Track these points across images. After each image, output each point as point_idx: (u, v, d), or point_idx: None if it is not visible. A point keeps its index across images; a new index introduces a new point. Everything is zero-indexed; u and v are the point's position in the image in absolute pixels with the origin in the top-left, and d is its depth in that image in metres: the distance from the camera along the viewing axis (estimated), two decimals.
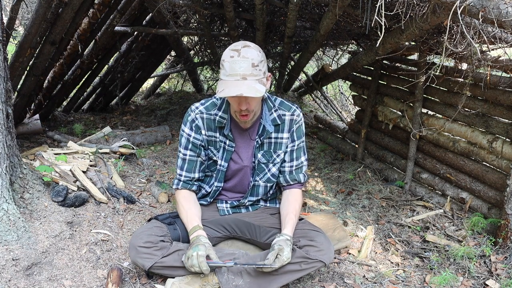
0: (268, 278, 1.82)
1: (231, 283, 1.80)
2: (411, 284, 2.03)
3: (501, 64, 2.37)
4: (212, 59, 4.99)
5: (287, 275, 1.84)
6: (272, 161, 2.07)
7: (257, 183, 2.10)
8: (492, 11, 1.66)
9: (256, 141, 2.01)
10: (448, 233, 2.47)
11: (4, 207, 1.85)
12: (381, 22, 1.83)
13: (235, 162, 2.06)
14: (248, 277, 1.82)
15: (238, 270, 1.84)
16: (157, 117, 5.16)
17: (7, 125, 1.96)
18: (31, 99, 4.11)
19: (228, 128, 1.98)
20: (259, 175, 2.09)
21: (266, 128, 1.98)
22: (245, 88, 1.72)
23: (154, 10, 3.45)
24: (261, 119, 1.99)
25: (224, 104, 1.99)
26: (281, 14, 3.61)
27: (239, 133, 2.03)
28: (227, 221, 2.10)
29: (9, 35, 2.95)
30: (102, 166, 2.87)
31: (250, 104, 1.81)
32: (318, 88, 4.83)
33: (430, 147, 3.00)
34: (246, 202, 2.14)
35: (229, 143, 2.02)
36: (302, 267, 1.83)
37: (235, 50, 1.77)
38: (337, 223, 2.46)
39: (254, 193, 2.13)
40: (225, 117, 1.98)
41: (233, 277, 1.82)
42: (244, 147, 2.04)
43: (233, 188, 2.14)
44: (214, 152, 2.05)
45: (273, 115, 2.00)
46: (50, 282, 1.79)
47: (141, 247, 1.83)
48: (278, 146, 2.04)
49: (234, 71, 1.74)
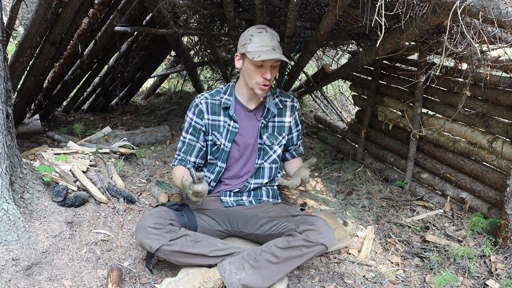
0: (270, 268, 1.82)
1: (234, 277, 1.80)
2: (411, 284, 2.03)
3: (501, 64, 2.37)
4: (212, 59, 4.99)
5: (289, 262, 1.83)
6: (277, 143, 2.23)
7: (263, 165, 2.21)
8: (492, 11, 1.66)
9: (261, 122, 2.17)
10: (448, 233, 2.47)
11: (4, 207, 1.85)
12: (381, 22, 1.83)
13: (238, 144, 2.16)
14: (250, 269, 1.82)
15: (240, 263, 1.84)
16: (157, 117, 5.16)
17: (7, 125, 1.96)
18: (31, 99, 4.11)
19: (233, 109, 2.14)
20: (264, 158, 2.20)
21: (271, 110, 2.18)
22: (277, 54, 1.97)
23: (154, 10, 3.45)
24: (265, 102, 2.19)
25: (229, 89, 2.19)
26: (281, 14, 3.60)
27: (244, 115, 2.18)
28: (231, 213, 2.13)
29: (9, 35, 2.95)
30: (102, 166, 2.87)
31: (272, 75, 2.04)
32: (318, 88, 4.83)
33: (430, 147, 3.00)
34: (251, 185, 2.19)
35: (233, 124, 2.15)
36: (303, 251, 1.83)
37: (261, 28, 2.05)
38: (337, 223, 2.46)
39: (259, 176, 2.21)
40: (230, 99, 2.16)
41: (236, 270, 1.82)
42: (249, 127, 2.18)
43: (238, 173, 2.20)
44: (218, 136, 2.17)
45: (275, 100, 2.22)
46: (50, 282, 1.79)
47: (150, 228, 1.84)
48: (282, 129, 2.24)
49: (265, 42, 2.00)
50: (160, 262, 2.11)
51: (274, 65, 2.03)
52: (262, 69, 2.01)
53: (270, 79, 2.02)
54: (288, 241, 1.83)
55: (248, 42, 2.01)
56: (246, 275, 1.81)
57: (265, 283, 1.82)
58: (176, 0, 3.10)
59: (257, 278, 1.81)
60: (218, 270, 1.84)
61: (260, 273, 1.82)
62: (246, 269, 1.83)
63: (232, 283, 1.79)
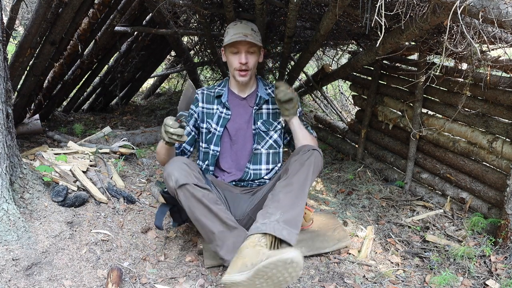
0: (291, 194, 1.84)
1: (272, 223, 1.74)
2: (411, 284, 2.03)
3: (501, 64, 2.37)
4: (212, 59, 4.98)
5: (300, 175, 1.88)
6: (273, 128, 2.30)
7: (259, 151, 2.28)
8: (492, 11, 1.66)
9: (254, 108, 2.27)
10: (448, 233, 2.47)
11: (4, 207, 1.85)
12: (381, 22, 1.83)
13: (230, 130, 2.25)
14: (277, 209, 1.80)
15: (264, 215, 1.79)
16: (157, 117, 5.16)
17: (7, 125, 1.96)
18: (31, 99, 4.11)
19: (225, 97, 2.28)
20: (260, 143, 2.27)
21: (262, 97, 2.29)
22: (247, 38, 2.11)
23: (154, 10, 3.45)
24: (257, 91, 2.31)
25: (224, 82, 2.36)
26: (281, 14, 3.60)
27: (237, 104, 2.30)
28: (236, 200, 2.20)
29: (9, 35, 2.95)
30: (102, 166, 2.87)
31: (249, 60, 2.17)
32: (318, 88, 4.83)
33: (430, 147, 3.00)
34: (251, 171, 2.25)
35: (225, 111, 2.27)
36: (305, 166, 1.89)
37: (237, 21, 2.25)
38: (337, 223, 2.46)
39: (257, 161, 2.27)
40: (223, 89, 2.32)
41: (266, 220, 1.76)
42: (242, 114, 2.29)
43: (238, 161, 2.27)
44: (211, 123, 2.28)
45: (267, 90, 2.34)
46: (50, 282, 1.79)
47: (184, 164, 1.89)
48: (276, 115, 2.32)
49: (238, 30, 2.14)
50: (160, 262, 2.11)
51: (250, 50, 2.16)
52: (237, 55, 2.16)
53: (247, 64, 2.16)
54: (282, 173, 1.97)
55: (226, 34, 2.21)
56: (277, 214, 1.77)
57: (297, 205, 1.82)
58: (176, 0, 3.10)
59: (287, 207, 1.79)
60: (254, 232, 1.73)
61: (286, 202, 1.81)
62: (272, 212, 1.78)
63: (273, 227, 1.71)
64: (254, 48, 2.17)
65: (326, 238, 2.30)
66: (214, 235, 1.86)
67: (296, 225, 1.78)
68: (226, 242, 1.86)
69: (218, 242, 1.86)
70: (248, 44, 2.14)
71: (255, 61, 2.22)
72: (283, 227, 1.72)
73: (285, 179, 1.89)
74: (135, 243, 2.19)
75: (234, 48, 2.15)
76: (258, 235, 1.71)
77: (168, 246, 2.26)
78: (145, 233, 2.30)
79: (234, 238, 1.86)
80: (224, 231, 1.86)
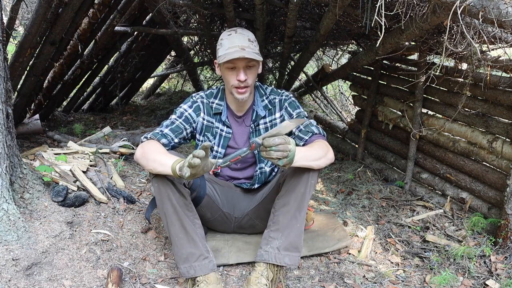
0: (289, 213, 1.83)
1: (273, 251, 1.84)
2: (411, 284, 2.03)
3: (501, 64, 2.37)
4: (212, 59, 4.99)
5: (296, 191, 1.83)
6: None
7: (263, 169, 2.15)
8: (492, 11, 1.66)
9: (251, 126, 2.08)
10: (448, 233, 2.47)
11: (4, 207, 1.85)
12: (381, 22, 1.83)
13: (233, 149, 2.09)
14: (276, 232, 1.84)
15: (266, 241, 1.87)
16: (157, 117, 5.16)
17: (7, 125, 1.96)
18: (31, 99, 4.12)
19: (225, 114, 2.06)
20: (263, 162, 2.13)
21: (259, 114, 2.06)
22: (245, 52, 1.84)
23: (154, 10, 3.45)
24: (253, 105, 2.07)
25: (220, 92, 2.10)
26: (281, 14, 3.60)
27: (235, 121, 2.10)
28: (236, 199, 2.15)
29: (9, 35, 2.95)
30: (102, 166, 2.87)
31: (249, 76, 1.91)
32: (318, 88, 4.83)
33: (430, 147, 3.00)
34: (255, 186, 2.19)
35: (226, 129, 2.08)
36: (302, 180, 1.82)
37: (231, 30, 1.94)
38: (337, 223, 2.46)
39: (262, 179, 2.17)
40: (221, 104, 2.07)
41: (267, 246, 1.86)
42: (240, 134, 2.10)
43: (237, 181, 2.20)
44: (211, 138, 2.09)
45: (264, 101, 2.08)
46: (50, 282, 1.79)
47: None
48: (277, 125, 2.03)
49: (233, 43, 1.87)
50: (160, 262, 2.11)
51: (249, 65, 1.90)
52: (235, 71, 1.90)
53: (246, 81, 1.90)
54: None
55: (219, 46, 1.93)
56: (278, 238, 1.82)
57: (295, 222, 1.83)
58: (176, 0, 3.10)
59: (287, 230, 1.82)
60: (259, 260, 1.85)
61: (285, 223, 1.82)
62: (274, 236, 1.83)
63: (274, 256, 1.82)
64: (254, 61, 1.91)
65: (326, 238, 2.30)
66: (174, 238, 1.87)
67: (297, 247, 1.88)
68: (181, 250, 1.85)
69: (175, 248, 1.87)
70: (246, 59, 1.87)
71: (255, 75, 1.97)
72: (284, 254, 1.84)
73: (284, 196, 1.85)
74: (135, 243, 2.19)
75: (230, 63, 1.88)
76: (263, 266, 1.85)
77: (168, 246, 2.25)
78: (145, 233, 2.30)
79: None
80: (182, 237, 1.85)
